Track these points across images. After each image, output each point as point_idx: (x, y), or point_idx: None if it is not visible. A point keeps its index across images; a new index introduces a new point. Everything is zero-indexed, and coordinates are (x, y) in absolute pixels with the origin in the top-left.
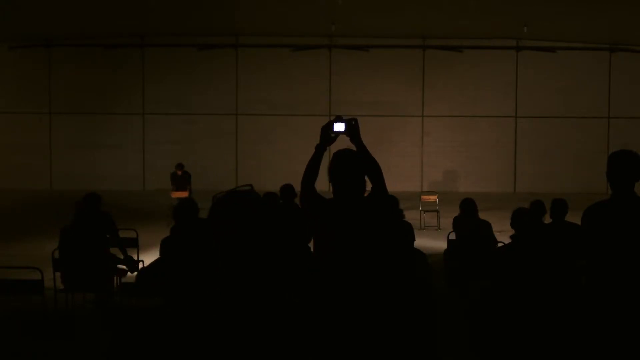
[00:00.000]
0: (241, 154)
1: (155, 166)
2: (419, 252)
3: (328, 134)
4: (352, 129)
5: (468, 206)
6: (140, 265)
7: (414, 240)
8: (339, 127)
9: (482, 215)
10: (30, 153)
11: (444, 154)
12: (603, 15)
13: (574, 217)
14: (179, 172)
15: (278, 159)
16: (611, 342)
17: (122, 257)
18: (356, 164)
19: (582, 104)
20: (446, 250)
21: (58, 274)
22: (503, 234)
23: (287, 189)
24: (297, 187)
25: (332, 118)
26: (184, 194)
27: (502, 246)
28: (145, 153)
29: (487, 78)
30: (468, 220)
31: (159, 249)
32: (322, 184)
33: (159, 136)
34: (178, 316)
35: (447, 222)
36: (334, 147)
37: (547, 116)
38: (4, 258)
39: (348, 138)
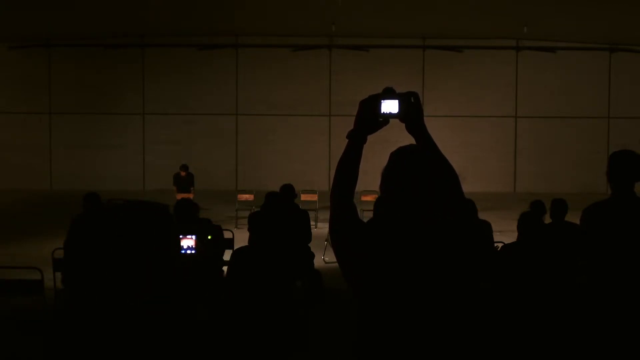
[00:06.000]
0: (241, 154)
1: (155, 166)
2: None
3: (373, 114)
4: (411, 110)
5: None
6: None
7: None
8: (390, 106)
9: (482, 215)
10: (30, 153)
11: (444, 153)
12: (603, 15)
13: (574, 217)
14: (183, 174)
15: (278, 159)
16: (612, 341)
17: None
18: (436, 171)
19: (582, 104)
20: None
21: (58, 274)
22: (503, 234)
23: (287, 189)
24: (297, 187)
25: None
26: (188, 196)
27: (502, 247)
28: (145, 153)
29: (487, 78)
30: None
31: None
32: (322, 184)
33: (159, 136)
34: (176, 315)
35: None
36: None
37: (547, 116)
38: (4, 258)
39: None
